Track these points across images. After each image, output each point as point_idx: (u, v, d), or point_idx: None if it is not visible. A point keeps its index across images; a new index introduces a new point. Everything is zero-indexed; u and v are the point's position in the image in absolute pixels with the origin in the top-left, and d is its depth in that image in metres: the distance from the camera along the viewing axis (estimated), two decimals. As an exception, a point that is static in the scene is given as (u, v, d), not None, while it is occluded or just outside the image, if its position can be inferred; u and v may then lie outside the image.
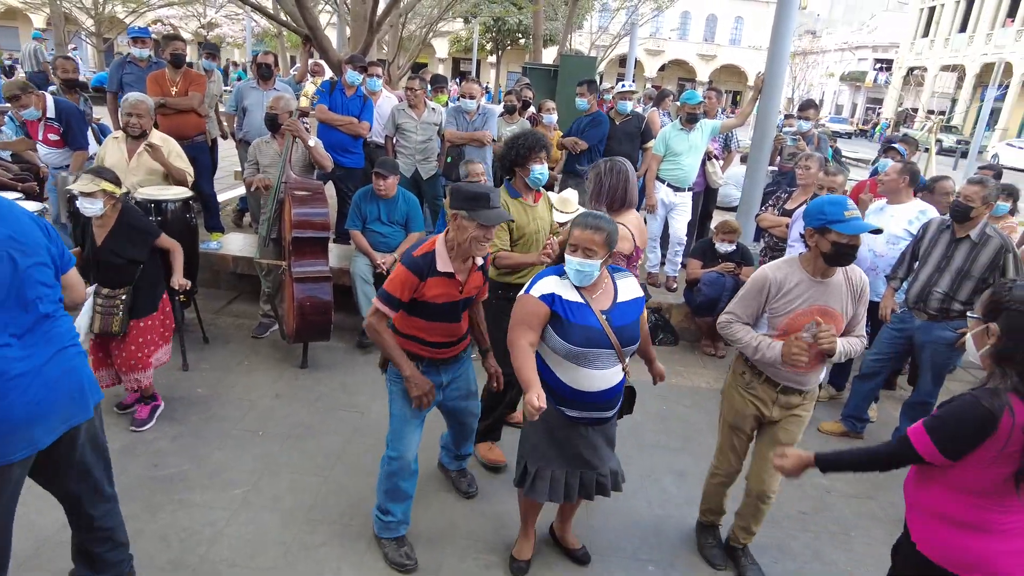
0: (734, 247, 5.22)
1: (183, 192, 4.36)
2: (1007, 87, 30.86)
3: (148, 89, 5.34)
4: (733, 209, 7.79)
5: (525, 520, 2.86)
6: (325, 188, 4.52)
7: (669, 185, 5.56)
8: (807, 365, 2.55)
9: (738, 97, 49.01)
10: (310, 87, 6.90)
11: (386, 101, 6.37)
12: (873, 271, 4.14)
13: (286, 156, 4.35)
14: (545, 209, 3.40)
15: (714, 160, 6.41)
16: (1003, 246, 3.61)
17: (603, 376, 2.41)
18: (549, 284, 2.40)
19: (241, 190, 6.50)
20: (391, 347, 2.59)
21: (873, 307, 4.17)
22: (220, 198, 7.60)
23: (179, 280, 3.67)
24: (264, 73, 5.91)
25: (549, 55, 24.67)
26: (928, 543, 1.88)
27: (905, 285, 4.02)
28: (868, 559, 3.14)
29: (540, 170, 3.18)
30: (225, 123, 6.78)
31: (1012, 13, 32.58)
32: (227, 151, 7.85)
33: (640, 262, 3.23)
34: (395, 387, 2.71)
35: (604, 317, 2.38)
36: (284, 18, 7.66)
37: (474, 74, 30.76)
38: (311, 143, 4.42)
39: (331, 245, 5.64)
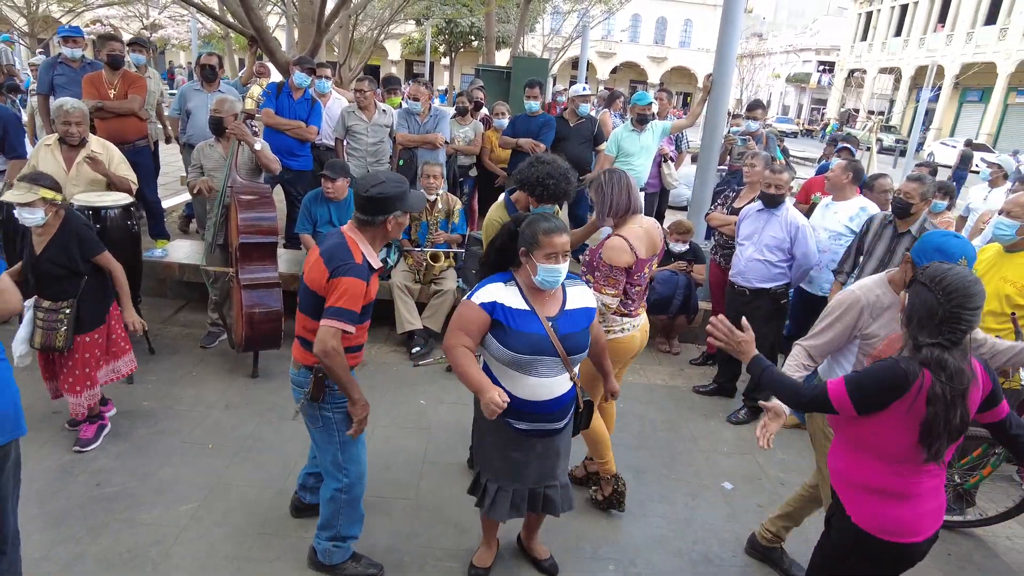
0: (687, 246, 5.30)
1: (123, 198, 4.18)
2: (940, 89, 32.26)
3: (84, 92, 5.11)
4: (684, 209, 7.93)
5: (487, 531, 2.82)
6: (274, 192, 4.42)
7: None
8: None
9: (689, 99, 49.91)
10: (255, 89, 6.72)
11: (336, 103, 6.26)
12: (817, 266, 4.25)
13: (231, 160, 4.23)
14: None
15: (669, 162, 6.51)
16: None
17: (549, 384, 2.37)
18: (492, 291, 2.36)
19: (188, 195, 6.29)
20: (348, 372, 2.40)
21: (820, 301, 4.30)
22: (166, 204, 7.37)
23: (131, 319, 3.43)
24: (208, 75, 5.74)
25: (503, 57, 24.72)
26: (861, 515, 2.00)
27: (852, 279, 4.14)
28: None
29: (550, 207, 3.04)
30: (169, 127, 6.55)
31: (943, 18, 34.09)
32: (173, 155, 7.60)
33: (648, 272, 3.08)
34: (340, 412, 2.53)
35: (550, 324, 2.34)
36: (230, 19, 7.48)
37: (427, 76, 30.60)
38: (257, 146, 4.31)
39: (281, 250, 5.55)
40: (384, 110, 5.75)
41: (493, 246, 2.49)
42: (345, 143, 5.77)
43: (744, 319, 2.24)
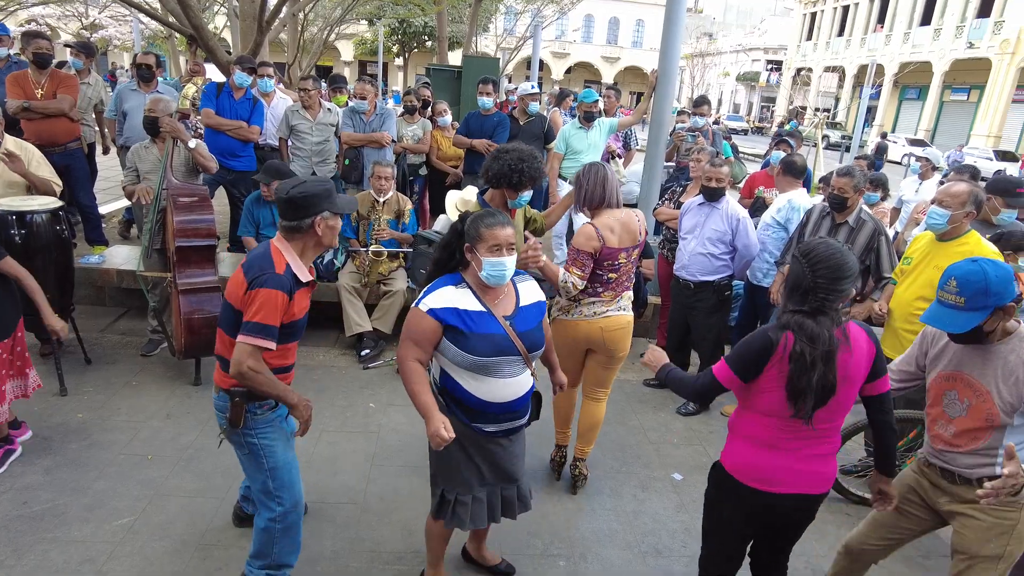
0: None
1: (51, 202, 4.00)
2: (880, 87, 33.45)
3: (8, 91, 4.89)
4: (633, 205, 8.00)
5: (435, 553, 2.63)
6: (216, 193, 4.30)
7: (571, 183, 5.62)
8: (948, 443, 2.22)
9: (643, 98, 50.71)
10: (189, 88, 6.54)
11: (280, 102, 6.13)
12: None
13: (166, 161, 4.09)
14: (520, 222, 3.32)
15: (617, 159, 6.57)
16: (876, 230, 3.87)
17: (514, 384, 2.31)
18: (443, 295, 2.24)
19: (127, 200, 6.08)
20: (276, 384, 2.25)
21: (762, 291, 4.39)
22: (106, 209, 7.13)
23: (52, 323, 3.17)
24: (144, 75, 5.55)
25: (456, 57, 24.62)
26: (730, 460, 2.19)
27: None
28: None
29: (527, 196, 3.11)
30: (107, 130, 6.30)
31: (881, 19, 35.36)
32: (112, 158, 7.33)
33: (620, 262, 3.14)
34: (266, 438, 2.36)
35: (508, 323, 2.28)
36: (169, 18, 7.25)
37: (381, 77, 30.30)
38: (192, 144, 4.18)
39: (224, 254, 5.41)
40: (329, 109, 5.66)
41: (441, 246, 2.38)
42: (289, 143, 5.66)
43: (653, 347, 2.44)
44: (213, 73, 8.05)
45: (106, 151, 6.42)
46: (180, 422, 3.78)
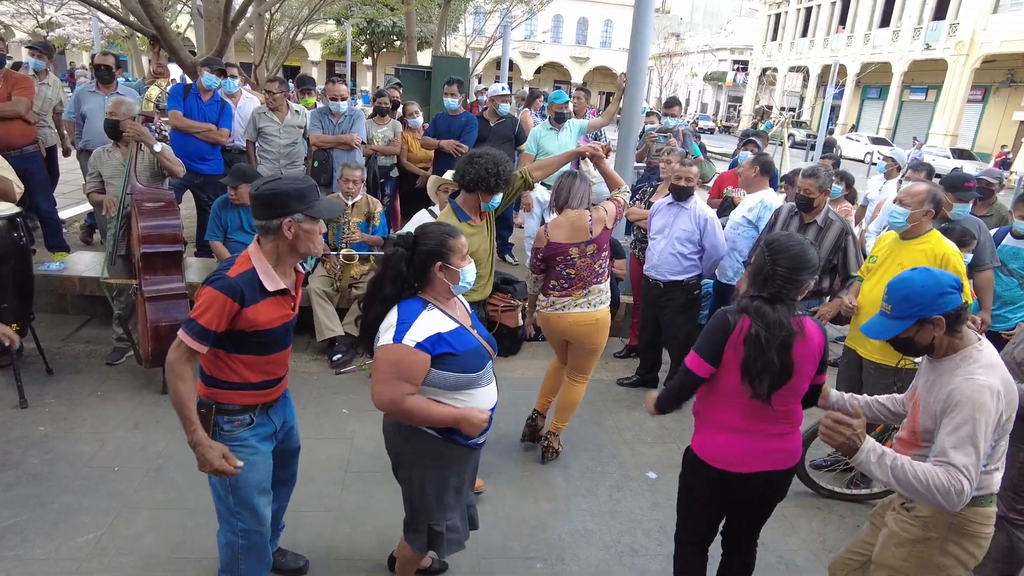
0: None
1: (5, 208, 3.88)
2: (843, 86, 34.19)
3: (-39, 94, 4.73)
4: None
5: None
6: (183, 197, 4.22)
7: (543, 184, 5.64)
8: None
9: (612, 98, 51.11)
10: (153, 90, 6.39)
11: (248, 103, 6.04)
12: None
13: (130, 165, 3.99)
14: (491, 226, 3.38)
15: (588, 160, 6.59)
16: (844, 229, 3.96)
17: (492, 389, 2.30)
18: (425, 325, 2.08)
19: (89, 205, 5.92)
20: (185, 401, 2.04)
21: (731, 288, 4.46)
22: (67, 213, 6.93)
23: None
24: (103, 76, 5.40)
25: (425, 58, 24.50)
26: (699, 444, 2.29)
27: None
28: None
29: (499, 198, 3.22)
30: (66, 133, 6.13)
31: (843, 21, 36.14)
32: (73, 162, 7.13)
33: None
34: (239, 454, 2.18)
35: (475, 331, 2.27)
36: (130, 18, 7.06)
37: (349, 77, 29.99)
38: (157, 148, 4.08)
39: (191, 259, 5.31)
40: (297, 111, 5.59)
41: (391, 279, 2.14)
42: (257, 145, 5.57)
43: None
44: (177, 74, 7.89)
45: (66, 153, 6.25)
46: (148, 432, 3.70)
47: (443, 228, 2.22)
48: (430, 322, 2.10)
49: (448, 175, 4.29)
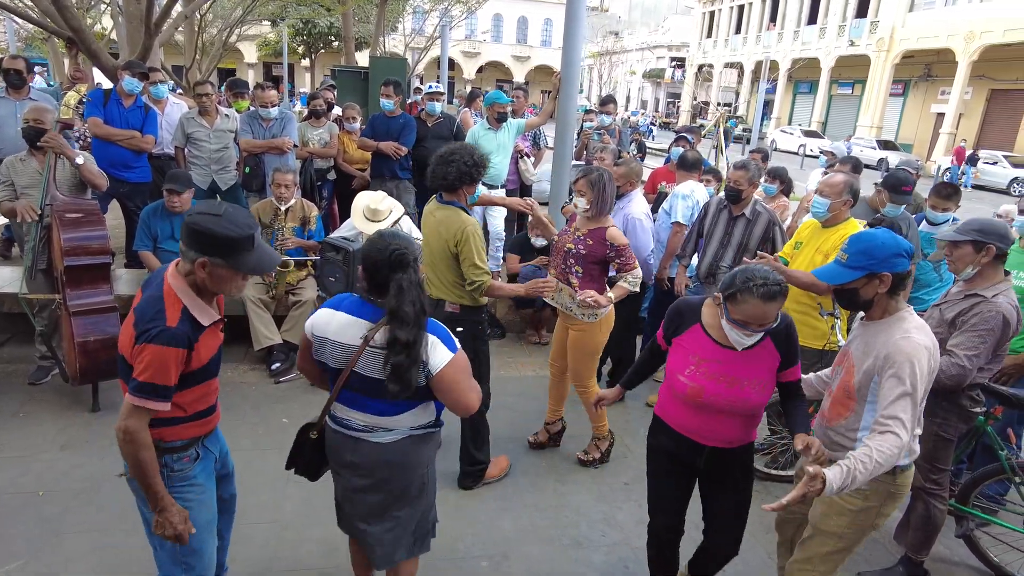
0: (547, 240, 5.44)
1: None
2: (776, 82, 35.38)
3: None
4: (545, 204, 8.13)
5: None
6: (110, 206, 4.05)
7: (483, 183, 5.65)
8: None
9: (548, 97, 51.49)
10: (71, 96, 6.13)
11: (175, 108, 5.85)
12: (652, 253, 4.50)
13: (48, 175, 3.82)
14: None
15: (526, 158, 6.65)
16: (771, 220, 4.11)
17: None
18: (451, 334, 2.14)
19: (3, 217, 5.62)
20: (152, 472, 1.91)
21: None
22: (-20, 227, 6.56)
23: None
24: (14, 81, 5.12)
25: (364, 58, 24.18)
26: (660, 407, 2.53)
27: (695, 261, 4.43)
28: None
29: (480, 188, 3.32)
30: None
31: (773, 18, 37.38)
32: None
33: None
34: (180, 497, 2.03)
35: None
36: (46, 20, 6.74)
37: (287, 79, 29.35)
38: (79, 160, 3.92)
39: (121, 270, 5.12)
40: (227, 115, 5.45)
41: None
42: (187, 151, 5.40)
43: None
44: (104, 80, 7.57)
45: None
46: (77, 453, 3.55)
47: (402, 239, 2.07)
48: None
49: (376, 200, 4.23)
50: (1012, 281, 2.88)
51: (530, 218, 5.74)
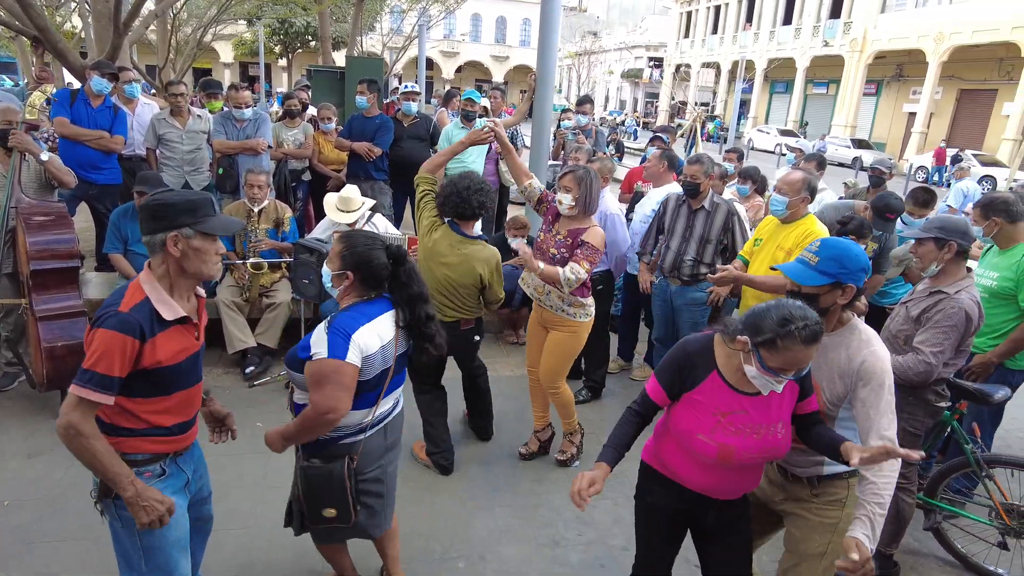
0: (525, 240, 5.45)
1: None
2: (752, 81, 35.75)
3: None
4: (521, 204, 8.15)
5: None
6: (82, 208, 3.98)
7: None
8: None
9: (523, 96, 51.48)
10: (36, 96, 6.01)
11: (146, 109, 5.76)
12: (631, 248, 4.53)
13: (13, 176, 3.75)
14: None
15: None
16: (730, 211, 4.14)
17: None
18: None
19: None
20: (107, 459, 1.80)
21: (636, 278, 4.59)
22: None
23: None
24: (-21, 82, 5.03)
25: (341, 58, 24.01)
26: (659, 462, 2.21)
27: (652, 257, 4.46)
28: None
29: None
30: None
31: (749, 18, 37.77)
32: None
33: None
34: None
35: None
36: (13, 19, 6.59)
37: (263, 79, 29.06)
38: (44, 157, 3.85)
39: (92, 274, 5.04)
40: (200, 115, 5.38)
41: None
42: (159, 153, 5.33)
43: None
44: (76, 80, 7.43)
45: None
46: (46, 460, 3.48)
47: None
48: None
49: (348, 191, 4.25)
50: (974, 278, 2.95)
51: (508, 219, 5.76)
